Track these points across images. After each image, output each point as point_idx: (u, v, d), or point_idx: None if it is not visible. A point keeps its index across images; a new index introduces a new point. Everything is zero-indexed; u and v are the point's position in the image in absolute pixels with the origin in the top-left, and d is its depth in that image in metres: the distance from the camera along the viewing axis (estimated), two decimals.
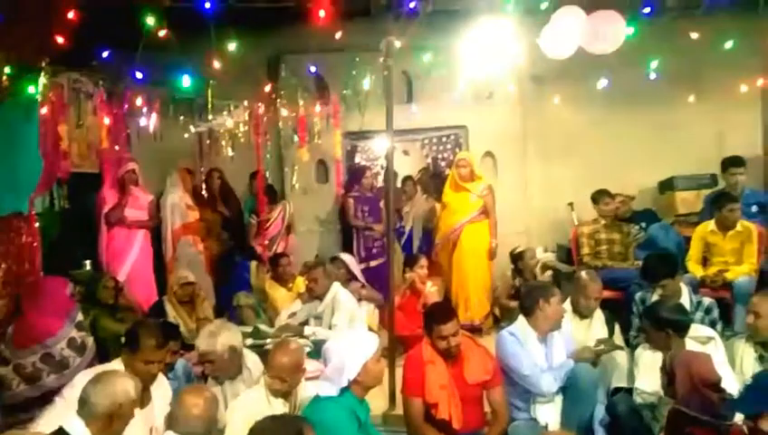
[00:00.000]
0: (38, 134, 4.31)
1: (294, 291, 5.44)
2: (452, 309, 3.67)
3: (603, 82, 5.43)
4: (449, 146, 7.73)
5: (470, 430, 3.28)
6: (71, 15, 4.01)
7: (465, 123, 6.74)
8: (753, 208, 5.21)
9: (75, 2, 4.05)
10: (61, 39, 4.10)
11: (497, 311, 5.83)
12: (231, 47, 4.46)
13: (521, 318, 3.54)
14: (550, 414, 3.40)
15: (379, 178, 6.82)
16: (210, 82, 5.34)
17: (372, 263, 6.08)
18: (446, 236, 5.81)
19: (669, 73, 5.40)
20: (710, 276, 4.78)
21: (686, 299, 3.94)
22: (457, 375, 3.28)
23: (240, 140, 5.97)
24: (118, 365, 3.02)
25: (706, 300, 4.03)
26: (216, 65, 4.63)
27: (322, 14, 4.06)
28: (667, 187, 6.29)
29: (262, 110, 5.85)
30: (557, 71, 5.60)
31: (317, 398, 2.82)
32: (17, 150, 4.26)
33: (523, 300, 3.61)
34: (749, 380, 2.61)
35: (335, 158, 6.54)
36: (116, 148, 5.29)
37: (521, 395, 3.45)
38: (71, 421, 2.39)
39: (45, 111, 4.30)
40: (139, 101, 5.12)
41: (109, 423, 2.43)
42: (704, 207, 5.57)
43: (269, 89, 5.73)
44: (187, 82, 4.87)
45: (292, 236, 6.40)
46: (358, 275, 5.34)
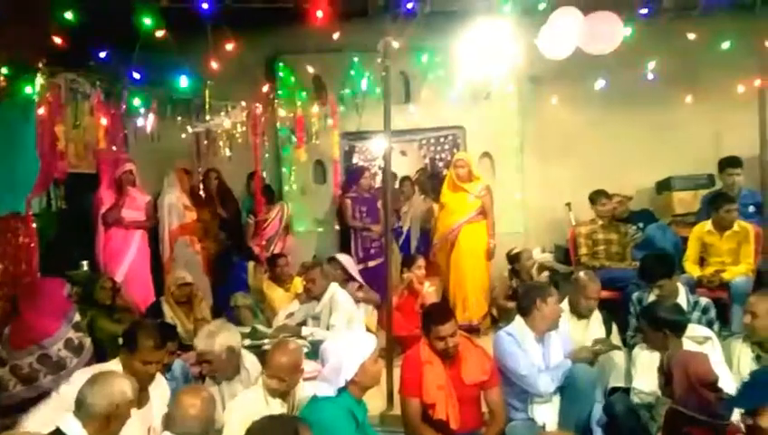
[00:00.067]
0: (35, 135, 4.31)
1: (292, 291, 5.44)
2: (450, 310, 3.67)
3: (601, 83, 5.44)
4: (447, 146, 7.74)
5: (467, 431, 3.28)
6: (68, 16, 4.01)
7: (463, 124, 6.75)
8: (750, 209, 5.21)
9: (73, 2, 4.05)
10: (58, 39, 4.10)
11: (495, 311, 5.83)
12: (228, 47, 4.46)
13: (518, 318, 3.54)
14: (547, 414, 3.41)
15: (377, 179, 6.82)
16: (208, 83, 5.33)
17: (370, 263, 6.09)
18: (444, 236, 5.81)
19: (667, 74, 5.42)
20: (707, 276, 4.80)
21: (683, 299, 3.94)
22: (455, 376, 3.28)
23: (238, 140, 5.97)
24: (116, 365, 3.01)
25: (703, 300, 4.03)
26: (214, 66, 4.63)
27: (320, 14, 4.07)
28: (664, 187, 6.29)
29: (259, 110, 5.85)
30: (555, 71, 5.61)
31: (314, 398, 2.81)
32: (14, 151, 4.26)
33: (520, 300, 3.61)
34: (746, 377, 2.61)
35: (333, 158, 6.55)
36: (113, 148, 5.26)
37: (518, 395, 3.45)
38: (67, 422, 2.39)
39: (42, 112, 4.29)
40: (137, 101, 5.11)
41: (106, 424, 2.42)
42: (701, 208, 5.57)
43: (266, 89, 5.72)
44: (184, 82, 4.88)
45: (289, 236, 6.41)
46: (355, 275, 5.35)
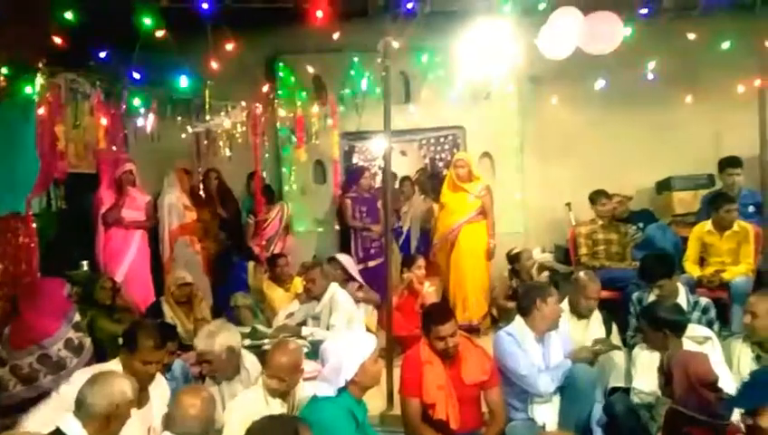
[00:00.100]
0: (35, 135, 4.31)
1: (292, 291, 5.44)
2: (450, 310, 3.67)
3: (601, 83, 5.44)
4: (447, 146, 7.74)
5: (467, 431, 3.28)
6: (68, 16, 4.01)
7: (463, 124, 6.75)
8: (750, 209, 5.21)
9: (72, 2, 4.05)
10: (58, 39, 4.09)
11: (495, 311, 5.83)
12: (228, 47, 4.45)
13: (518, 318, 3.54)
14: (547, 414, 3.41)
15: (378, 179, 6.82)
16: (208, 83, 5.33)
17: (370, 263, 6.09)
18: (444, 236, 5.81)
19: (667, 74, 5.41)
20: (707, 276, 4.80)
21: (683, 299, 3.94)
22: (455, 376, 3.28)
23: (237, 140, 5.97)
24: (116, 365, 3.02)
25: (703, 300, 4.03)
26: (214, 65, 4.63)
27: (320, 14, 4.06)
28: (664, 187, 6.29)
29: (259, 110, 5.85)
30: (555, 71, 5.60)
31: (314, 398, 2.81)
32: (14, 151, 4.25)
33: (520, 300, 3.61)
34: (746, 377, 2.61)
35: (333, 158, 6.54)
36: (113, 148, 5.26)
37: (518, 395, 3.45)
38: (67, 422, 2.39)
39: (42, 112, 4.29)
40: (137, 101, 5.12)
41: (106, 424, 2.42)
42: (701, 208, 5.57)
43: (266, 89, 5.72)
44: (184, 82, 4.88)
45: (289, 236, 6.40)
46: (355, 275, 5.34)
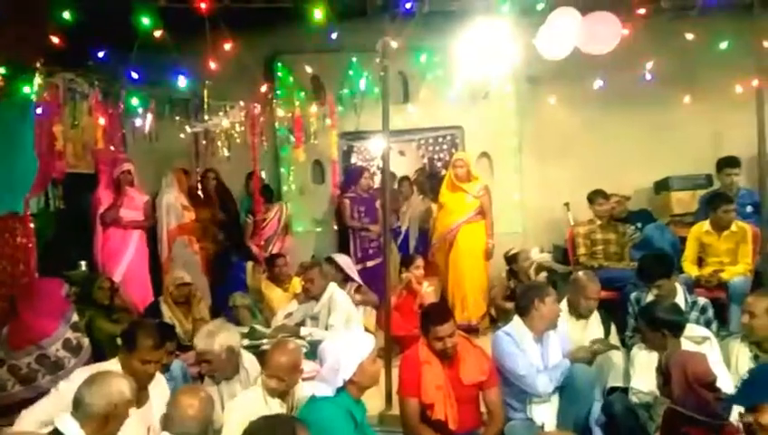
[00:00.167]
0: (33, 134, 4.31)
1: (291, 291, 5.43)
2: (449, 310, 3.66)
3: (599, 83, 5.45)
4: (445, 146, 7.75)
5: (466, 431, 3.28)
6: (66, 15, 4.00)
7: (462, 124, 6.76)
8: (749, 209, 5.23)
9: (71, 2, 4.04)
10: (56, 39, 4.09)
11: (493, 311, 5.83)
12: (227, 47, 4.45)
13: (516, 318, 3.54)
14: (546, 414, 3.41)
15: (376, 179, 6.82)
16: (206, 83, 5.33)
17: (369, 263, 6.09)
18: (442, 236, 5.82)
19: (664, 74, 5.42)
20: (705, 276, 4.81)
21: (681, 299, 3.95)
22: (453, 376, 3.28)
23: (236, 140, 5.97)
24: (115, 365, 3.02)
25: (701, 300, 4.04)
26: (212, 65, 4.62)
27: (319, 14, 4.06)
28: (662, 187, 6.30)
29: (258, 110, 5.84)
30: (553, 71, 5.61)
31: (313, 398, 2.81)
32: (12, 151, 4.25)
33: (518, 300, 3.61)
34: (745, 374, 2.61)
35: (331, 158, 6.53)
36: (111, 148, 5.26)
37: (517, 395, 3.45)
38: (65, 422, 2.38)
39: (40, 112, 4.29)
40: (135, 101, 5.11)
41: (104, 424, 2.42)
42: (699, 208, 5.58)
43: (265, 89, 5.72)
44: (182, 82, 4.87)
45: (288, 236, 6.40)
46: (352, 275, 5.31)
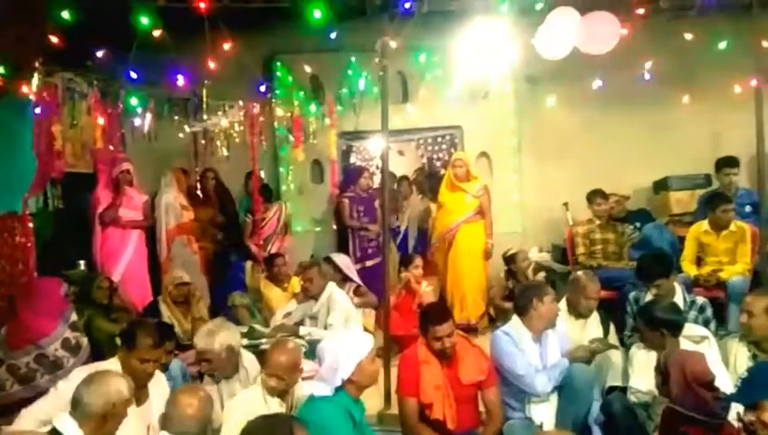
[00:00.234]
0: (32, 134, 4.31)
1: (290, 291, 5.42)
2: (447, 310, 3.66)
3: (598, 83, 5.45)
4: (444, 146, 7.75)
5: (465, 430, 3.28)
6: (65, 15, 4.00)
7: (461, 123, 6.76)
8: (747, 208, 5.24)
9: (69, 1, 4.04)
10: (55, 39, 4.09)
11: (492, 311, 5.83)
12: (226, 47, 4.45)
13: (515, 318, 3.54)
14: (545, 413, 3.41)
15: (375, 179, 6.82)
16: (205, 82, 5.33)
17: (368, 263, 6.08)
18: (441, 235, 5.82)
19: (663, 74, 5.41)
20: (704, 276, 4.81)
21: (679, 298, 3.95)
22: (452, 375, 3.28)
23: (235, 139, 5.96)
24: (114, 364, 3.02)
25: (700, 299, 4.05)
26: (211, 65, 4.62)
27: (318, 14, 4.06)
28: (661, 187, 6.30)
29: (257, 110, 5.84)
30: (552, 71, 5.60)
31: (312, 398, 2.81)
32: (11, 150, 4.26)
33: (516, 300, 3.61)
34: (744, 373, 2.62)
35: (330, 158, 6.53)
36: (110, 148, 5.27)
37: (516, 395, 3.45)
38: (63, 421, 2.38)
39: (39, 111, 4.29)
40: (134, 100, 5.11)
41: (102, 423, 2.42)
42: (698, 207, 5.59)
43: (264, 89, 5.72)
44: (181, 81, 4.87)
45: (287, 236, 6.39)
46: (350, 275, 5.29)
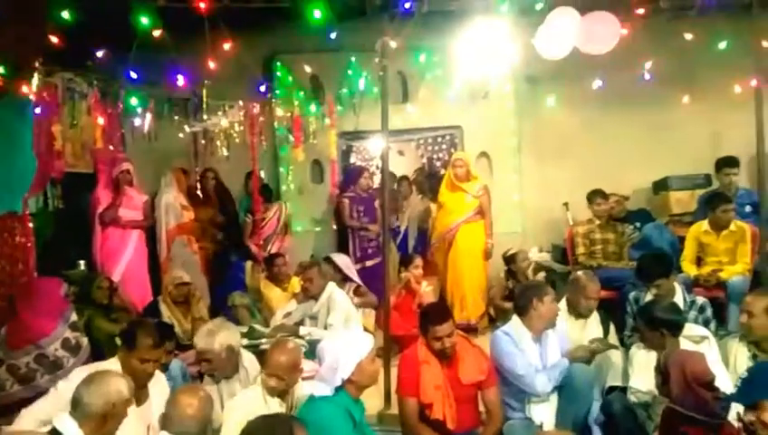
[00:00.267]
0: (32, 134, 4.31)
1: (290, 291, 5.42)
2: (447, 310, 3.65)
3: (598, 83, 5.45)
4: (444, 146, 7.75)
5: (465, 430, 3.28)
6: (65, 15, 4.00)
7: (461, 123, 6.76)
8: (747, 208, 5.23)
9: (70, 1, 4.04)
10: (55, 39, 4.09)
11: (492, 311, 5.83)
12: (226, 47, 4.45)
13: (515, 318, 3.54)
14: (545, 413, 3.41)
15: (375, 179, 6.82)
16: (205, 82, 5.33)
17: (368, 263, 6.08)
18: (441, 235, 5.82)
19: (663, 74, 5.41)
20: (704, 276, 4.81)
21: (679, 298, 3.96)
22: (452, 375, 3.28)
23: (235, 139, 5.96)
24: (114, 364, 3.02)
25: (700, 299, 4.05)
26: (211, 65, 4.62)
27: (318, 14, 4.06)
28: (661, 187, 6.30)
29: (257, 110, 5.84)
30: (552, 71, 5.60)
31: (311, 398, 2.81)
32: (11, 150, 4.26)
33: (516, 300, 3.61)
34: (744, 373, 2.62)
35: (330, 158, 6.53)
36: (110, 148, 5.27)
37: (516, 395, 3.45)
38: (63, 421, 2.38)
39: (39, 111, 4.29)
40: (134, 100, 5.11)
41: (102, 423, 2.42)
42: (698, 207, 5.59)
43: (264, 89, 5.72)
44: (181, 81, 4.87)
45: (287, 236, 6.39)
46: (350, 275, 5.29)
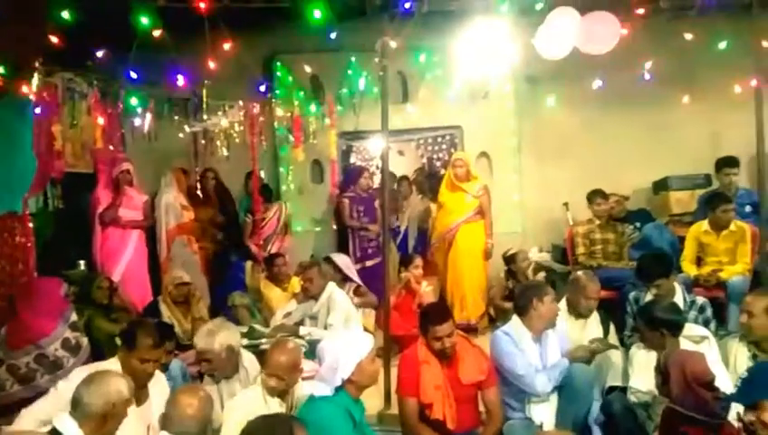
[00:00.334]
0: (32, 134, 4.31)
1: (290, 291, 5.42)
2: (447, 310, 3.64)
3: (598, 83, 5.45)
4: (444, 146, 7.75)
5: (465, 430, 3.28)
6: (65, 15, 4.00)
7: (461, 123, 6.76)
8: (747, 208, 5.23)
9: (70, 1, 4.04)
10: (55, 39, 4.09)
11: (492, 311, 5.83)
12: (226, 47, 4.45)
13: (515, 318, 3.54)
14: (545, 413, 3.41)
15: (375, 179, 6.82)
16: (205, 82, 5.33)
17: (368, 263, 6.08)
18: (441, 235, 5.82)
19: (664, 74, 5.42)
20: (704, 276, 4.81)
21: (679, 298, 3.95)
22: (452, 375, 3.28)
23: (235, 139, 5.96)
24: (114, 364, 3.02)
25: (700, 299, 4.05)
26: (211, 65, 4.62)
27: (318, 14, 4.06)
28: (661, 187, 6.30)
29: (257, 110, 5.84)
30: (552, 71, 5.60)
31: (311, 398, 2.81)
32: (11, 150, 4.26)
33: (516, 300, 3.61)
34: (744, 373, 2.62)
35: (330, 158, 6.53)
36: (110, 148, 5.27)
37: (515, 395, 3.45)
38: (63, 421, 2.38)
39: (39, 111, 4.29)
40: (134, 100, 5.11)
41: (102, 423, 2.42)
42: (698, 207, 5.59)
43: (264, 89, 5.72)
44: (181, 81, 4.87)
45: (287, 236, 6.39)
46: (350, 275, 5.29)
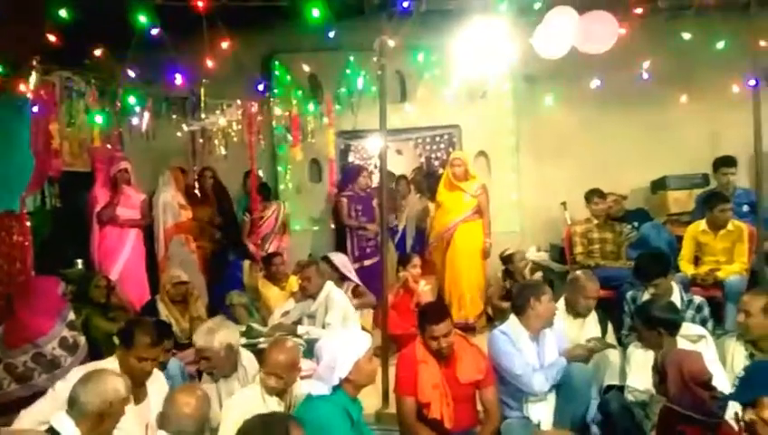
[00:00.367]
0: (29, 133, 4.31)
1: (288, 290, 5.43)
2: (445, 309, 3.64)
3: (596, 82, 5.45)
4: (442, 145, 7.74)
5: (462, 430, 3.28)
6: (63, 13, 4.00)
7: (459, 123, 6.77)
8: (745, 208, 5.24)
9: (67, 0, 4.03)
10: (52, 37, 4.08)
11: (490, 310, 5.84)
12: (224, 46, 4.45)
13: (512, 317, 3.54)
14: (542, 413, 3.41)
15: (373, 178, 6.82)
16: (203, 81, 5.33)
17: (366, 262, 6.09)
18: (439, 235, 5.82)
19: (661, 74, 5.42)
20: (701, 275, 4.82)
21: (676, 298, 3.96)
22: (450, 375, 3.28)
23: (233, 138, 5.96)
24: (112, 363, 3.02)
25: (697, 298, 4.06)
26: (209, 64, 4.62)
27: (316, 13, 4.06)
28: (659, 186, 6.31)
29: (255, 108, 5.84)
30: (550, 71, 5.60)
31: (309, 397, 2.81)
32: (8, 149, 4.25)
33: (514, 299, 3.62)
34: (741, 371, 2.63)
35: (328, 157, 6.53)
36: (108, 146, 5.27)
37: (513, 394, 3.46)
38: (60, 420, 2.38)
39: (37, 110, 4.28)
40: (132, 99, 5.10)
41: (99, 422, 2.42)
42: (695, 207, 5.60)
43: (262, 88, 5.72)
44: (179, 80, 4.86)
45: (285, 235, 6.39)
46: (347, 274, 5.29)
